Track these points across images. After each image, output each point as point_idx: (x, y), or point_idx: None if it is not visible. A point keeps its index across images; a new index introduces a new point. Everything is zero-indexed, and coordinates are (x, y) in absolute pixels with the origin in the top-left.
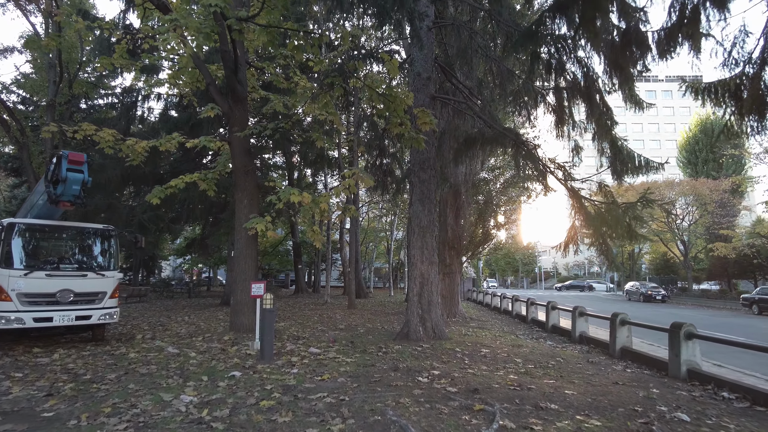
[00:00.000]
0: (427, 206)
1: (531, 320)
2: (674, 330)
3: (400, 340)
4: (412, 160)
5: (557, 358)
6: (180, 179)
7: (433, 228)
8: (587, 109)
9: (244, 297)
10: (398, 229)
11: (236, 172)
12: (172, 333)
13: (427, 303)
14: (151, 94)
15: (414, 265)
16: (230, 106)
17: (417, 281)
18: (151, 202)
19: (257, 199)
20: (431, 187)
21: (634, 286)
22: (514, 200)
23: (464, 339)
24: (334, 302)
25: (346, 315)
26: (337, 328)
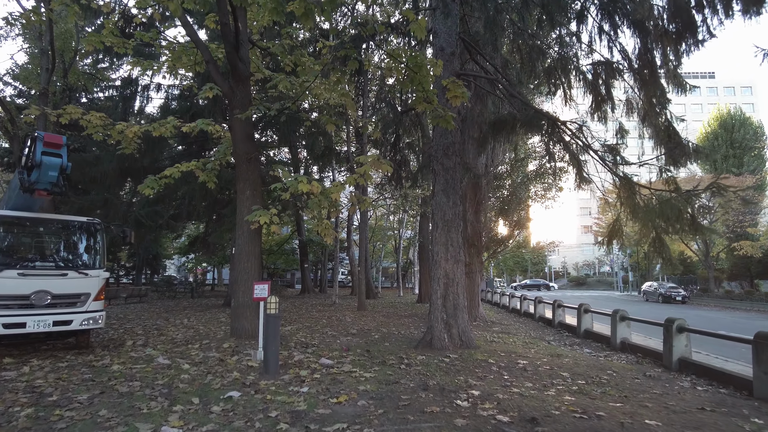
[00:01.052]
0: (452, 197)
1: (558, 324)
2: (763, 342)
3: (423, 348)
4: (434, 145)
5: (608, 371)
6: (175, 168)
7: (458, 222)
8: (639, 85)
9: (245, 299)
10: (407, 227)
11: (237, 160)
12: (167, 339)
13: (453, 307)
14: (150, 84)
15: (437, 263)
16: (231, 86)
17: (441, 282)
18: (148, 197)
19: (261, 191)
20: (456, 176)
21: (651, 286)
22: (540, 195)
23: (493, 347)
24: (343, 303)
25: (357, 317)
26: (349, 333)
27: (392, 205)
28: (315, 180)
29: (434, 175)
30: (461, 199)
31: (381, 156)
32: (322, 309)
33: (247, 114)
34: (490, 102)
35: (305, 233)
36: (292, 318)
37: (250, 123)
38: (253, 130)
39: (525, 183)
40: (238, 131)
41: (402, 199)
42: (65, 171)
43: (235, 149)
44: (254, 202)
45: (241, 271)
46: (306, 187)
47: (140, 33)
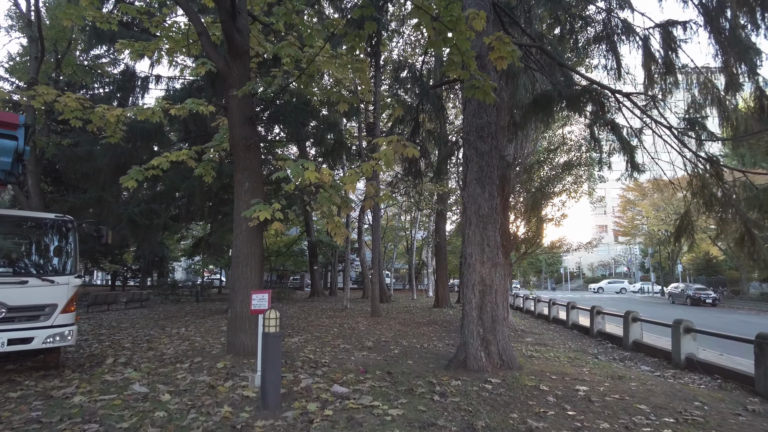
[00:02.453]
0: (488, 188)
1: (598, 333)
2: None
3: (456, 370)
4: (466, 126)
5: (694, 402)
6: (163, 157)
7: (496, 217)
8: (719, 48)
9: (244, 309)
10: (420, 228)
11: (235, 146)
12: (154, 355)
13: (491, 319)
14: (150, 77)
15: (471, 267)
16: (227, 62)
17: (476, 289)
18: (144, 194)
19: (262, 182)
20: (492, 163)
21: (677, 287)
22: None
23: (538, 366)
24: (354, 308)
25: (371, 325)
26: (364, 346)
27: (405, 204)
28: (325, 168)
29: (466, 161)
30: (498, 189)
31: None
32: (333, 315)
33: (244, 90)
34: (521, 83)
35: (314, 234)
36: (300, 326)
37: (249, 104)
38: (253, 112)
39: (558, 175)
40: (235, 113)
41: (417, 195)
42: (22, 157)
43: (231, 135)
44: (254, 195)
45: (239, 276)
46: (314, 176)
47: (125, 6)
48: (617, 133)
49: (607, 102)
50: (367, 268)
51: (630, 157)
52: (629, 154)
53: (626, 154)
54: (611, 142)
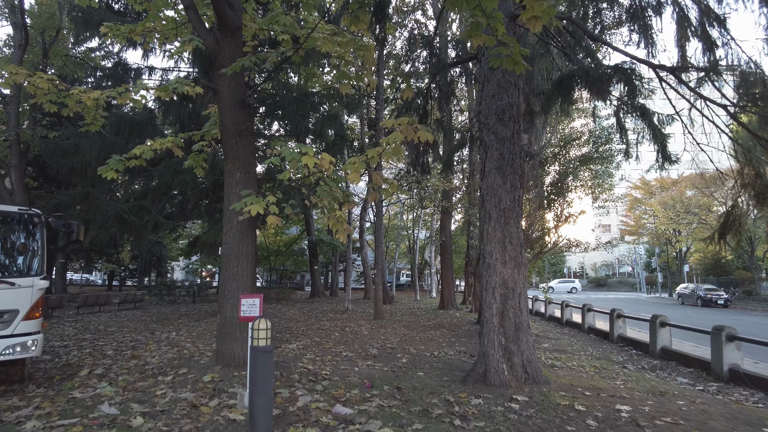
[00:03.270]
0: (510, 178)
1: (619, 338)
2: None
3: (475, 384)
4: (484, 109)
5: (762, 428)
6: (146, 146)
7: (519, 211)
8: None
9: (234, 315)
10: (424, 227)
11: (225, 133)
12: (137, 364)
13: (513, 326)
14: (143, 69)
15: (492, 267)
16: (217, 39)
17: (497, 293)
18: (136, 190)
19: (255, 173)
20: (515, 149)
21: (687, 288)
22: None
23: (565, 378)
24: (356, 309)
25: (375, 329)
26: (369, 353)
27: (408, 202)
28: (325, 154)
29: (484, 148)
30: (521, 180)
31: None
32: (334, 317)
33: (234, 68)
34: (537, 70)
35: (315, 233)
36: (299, 330)
37: (240, 85)
38: (245, 94)
39: (574, 170)
40: (225, 95)
41: (422, 191)
42: None
43: (221, 120)
44: (246, 187)
45: (230, 277)
46: (312, 162)
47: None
48: (647, 120)
49: (639, 84)
50: (369, 268)
51: (661, 147)
52: (660, 143)
53: (657, 143)
54: (638, 131)
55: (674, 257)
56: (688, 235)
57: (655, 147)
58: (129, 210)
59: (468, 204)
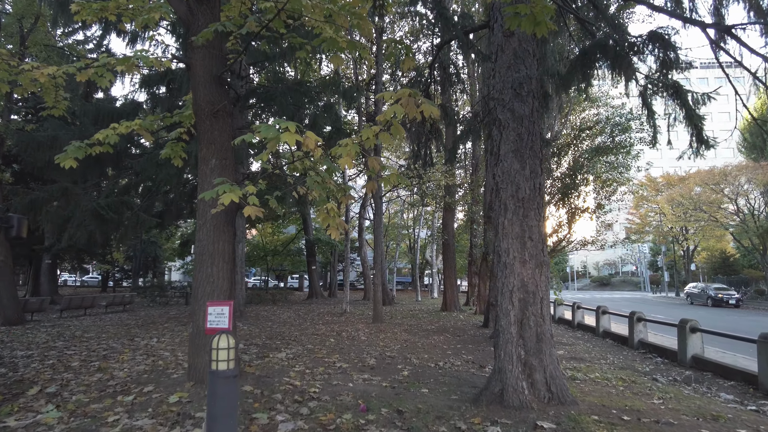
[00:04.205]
0: (530, 162)
1: (639, 344)
2: None
3: (489, 405)
4: (497, 83)
5: None
6: (111, 129)
7: (540, 201)
8: None
9: None
10: (424, 226)
11: (199, 113)
12: (100, 379)
13: (535, 337)
14: None
15: (508, 267)
16: (190, 6)
17: (514, 297)
18: (116, 184)
19: (233, 160)
20: (535, 129)
21: (696, 287)
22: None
23: (592, 396)
24: (355, 311)
25: (373, 333)
26: (366, 364)
27: (408, 200)
28: (310, 133)
29: (499, 128)
30: (541, 165)
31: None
32: (331, 319)
33: (206, 34)
34: (549, 49)
35: (313, 232)
36: (291, 335)
37: (216, 58)
38: (222, 68)
39: (591, 159)
40: (199, 70)
41: (423, 185)
42: None
43: (195, 98)
44: (222, 175)
45: (202, 280)
46: (293, 139)
47: None
48: (681, 99)
49: (675, 56)
50: (369, 268)
51: (696, 129)
52: (695, 125)
53: (691, 126)
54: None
55: (681, 256)
56: (695, 233)
57: (689, 130)
58: (108, 206)
59: (471, 200)
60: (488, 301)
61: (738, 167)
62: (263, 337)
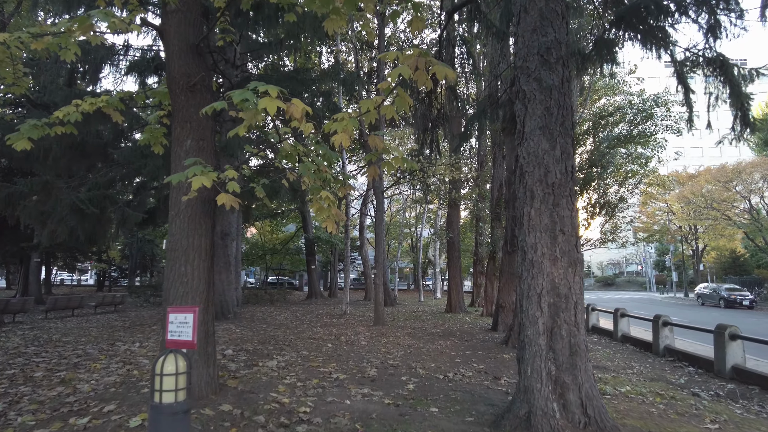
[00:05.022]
0: (560, 141)
1: (665, 350)
2: None
3: (515, 431)
4: (522, 49)
5: None
6: (72, 106)
7: (572, 187)
8: None
9: None
10: (427, 224)
11: (173, 87)
12: (60, 394)
13: (568, 349)
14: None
15: (536, 266)
16: None
17: (544, 301)
18: (97, 177)
19: (212, 141)
20: (566, 102)
21: (707, 288)
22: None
23: (634, 418)
24: (355, 312)
25: (375, 338)
26: (365, 375)
27: (410, 198)
28: (296, 101)
29: (523, 101)
30: (572, 146)
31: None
32: (330, 321)
33: None
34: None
35: (312, 230)
36: (286, 339)
37: (193, 26)
38: (200, 37)
39: (612, 148)
40: (174, 38)
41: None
42: None
43: (168, 70)
44: (198, 157)
45: (174, 280)
46: (273, 105)
47: None
48: (726, 74)
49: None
50: (370, 267)
51: (742, 111)
52: (741, 105)
53: (737, 106)
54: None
55: (690, 255)
56: (704, 232)
57: (733, 111)
58: (89, 200)
59: (477, 197)
60: (497, 303)
61: (752, 163)
62: (255, 341)
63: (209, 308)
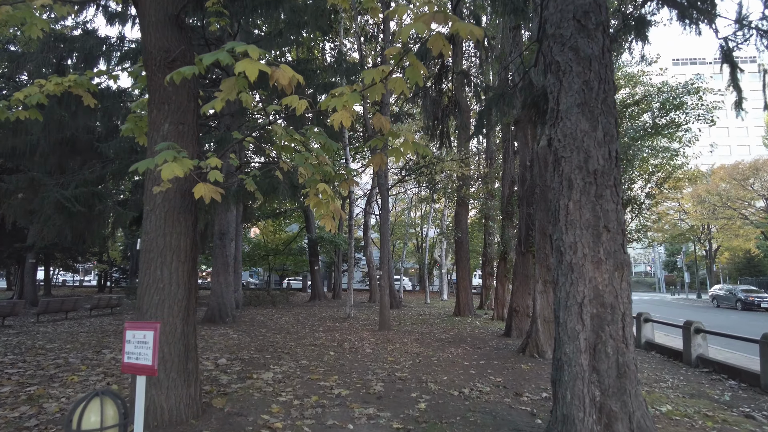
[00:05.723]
0: (603, 121)
1: (699, 360)
2: None
3: None
4: (553, 14)
5: None
6: (35, 86)
7: (618, 175)
8: None
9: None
10: (433, 223)
11: (149, 64)
12: (22, 415)
13: (615, 369)
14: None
15: (576, 269)
16: None
17: (585, 312)
18: (85, 173)
19: (195, 125)
20: (608, 76)
21: (723, 289)
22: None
23: None
24: (359, 315)
25: (380, 344)
26: (370, 390)
27: (416, 196)
28: (285, 66)
29: (557, 75)
30: (616, 127)
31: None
32: (333, 326)
33: None
34: None
35: (315, 230)
36: (285, 346)
37: None
38: (179, 6)
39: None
40: (150, 7)
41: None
42: None
43: (144, 44)
44: (178, 144)
45: (149, 285)
46: (254, 69)
47: None
48: None
49: None
50: (374, 268)
51: None
52: None
53: None
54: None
55: (702, 256)
56: (718, 232)
57: None
58: (75, 197)
59: (486, 195)
60: (510, 307)
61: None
62: (252, 348)
63: (189, 319)
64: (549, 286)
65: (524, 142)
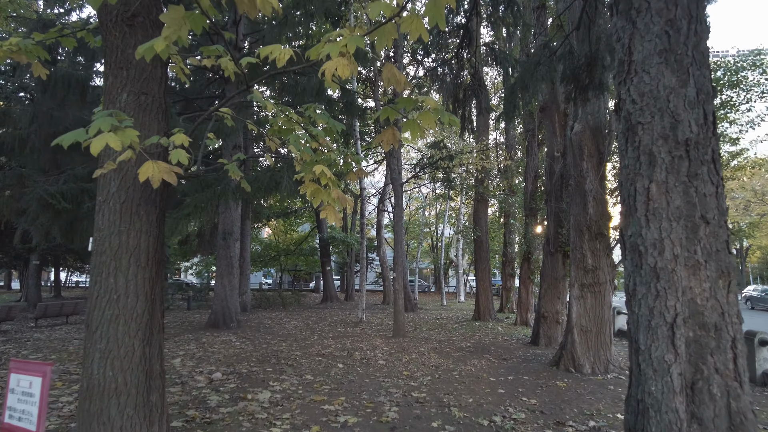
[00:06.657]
0: (695, 74)
1: (763, 376)
2: None
3: None
4: None
5: None
6: None
7: (716, 146)
8: None
9: (108, 373)
10: (449, 222)
11: (105, 20)
12: None
13: (725, 418)
14: None
15: (662, 275)
16: None
17: (678, 335)
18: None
19: (162, 98)
20: (700, 15)
21: (758, 290)
22: None
23: None
24: (372, 320)
25: (394, 355)
26: (382, 416)
27: (430, 195)
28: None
29: (627, 14)
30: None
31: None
32: (344, 331)
33: None
34: None
35: (327, 229)
36: (290, 356)
37: None
38: None
39: None
40: None
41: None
42: None
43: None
44: (144, 118)
45: (100, 296)
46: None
47: None
48: None
49: None
50: (388, 269)
51: None
52: None
53: None
54: None
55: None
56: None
57: None
58: (62, 194)
59: (507, 190)
60: (538, 313)
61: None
62: (253, 359)
63: (153, 338)
64: (587, 290)
65: (552, 130)
